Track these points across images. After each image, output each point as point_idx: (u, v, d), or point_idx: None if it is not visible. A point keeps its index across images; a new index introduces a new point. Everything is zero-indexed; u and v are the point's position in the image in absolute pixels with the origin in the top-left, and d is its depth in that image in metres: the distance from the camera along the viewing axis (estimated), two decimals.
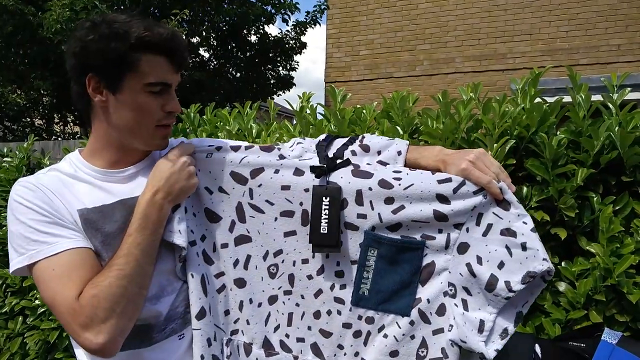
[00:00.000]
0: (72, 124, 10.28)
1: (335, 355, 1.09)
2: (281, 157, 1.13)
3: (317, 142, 1.17)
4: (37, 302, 2.54)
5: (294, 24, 9.94)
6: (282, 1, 9.44)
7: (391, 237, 1.04)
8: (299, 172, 1.10)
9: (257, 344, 1.13)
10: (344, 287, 1.08)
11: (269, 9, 9.46)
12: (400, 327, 1.04)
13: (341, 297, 1.08)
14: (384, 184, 1.03)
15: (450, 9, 8.19)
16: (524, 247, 0.94)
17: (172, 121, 1.11)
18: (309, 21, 9.84)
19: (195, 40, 9.09)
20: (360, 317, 1.07)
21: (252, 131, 2.16)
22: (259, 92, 10.07)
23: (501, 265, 0.95)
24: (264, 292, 1.14)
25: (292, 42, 10.09)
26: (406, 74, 8.45)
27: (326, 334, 1.10)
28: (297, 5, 9.52)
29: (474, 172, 0.98)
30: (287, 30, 10.65)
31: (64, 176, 1.10)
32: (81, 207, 1.06)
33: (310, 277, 1.10)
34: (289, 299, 1.12)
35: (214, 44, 9.64)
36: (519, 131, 1.66)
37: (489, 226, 0.98)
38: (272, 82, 10.45)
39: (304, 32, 10.02)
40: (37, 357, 2.53)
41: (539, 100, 1.74)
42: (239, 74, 10.08)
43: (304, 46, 10.21)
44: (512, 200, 0.97)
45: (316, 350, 1.11)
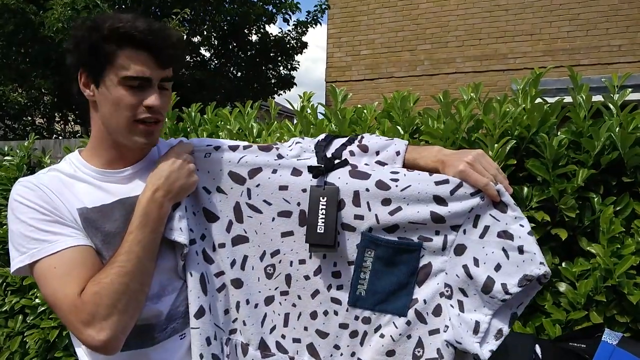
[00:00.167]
0: (72, 123, 10.30)
1: (331, 355, 1.09)
2: (279, 156, 1.13)
3: (316, 141, 1.17)
4: (37, 300, 2.53)
5: (295, 23, 9.96)
6: (283, 1, 9.45)
7: (388, 239, 1.03)
8: (296, 172, 1.10)
9: (253, 345, 1.13)
10: (340, 287, 1.08)
11: (270, 8, 9.47)
12: (396, 327, 1.04)
13: (338, 298, 1.08)
14: (381, 185, 1.03)
15: (451, 9, 8.18)
16: (520, 250, 0.94)
17: (154, 117, 1.07)
18: (309, 21, 9.85)
19: (196, 39, 9.10)
20: (357, 318, 1.07)
21: (253, 131, 2.16)
22: (259, 91, 10.08)
23: (498, 267, 0.95)
24: (260, 292, 1.13)
25: (293, 41, 10.10)
26: (407, 73, 8.45)
27: (323, 334, 1.09)
28: (298, 5, 9.53)
29: (472, 174, 0.98)
30: (288, 29, 10.62)
31: (64, 176, 1.11)
32: (81, 206, 1.06)
33: (307, 277, 1.10)
34: (285, 300, 1.12)
35: (215, 43, 9.65)
36: (520, 131, 1.66)
37: (486, 228, 0.97)
38: (273, 81, 10.47)
39: (305, 31, 10.03)
40: (37, 355, 2.53)
41: (539, 100, 1.74)
42: (239, 74, 10.10)
43: (304, 46, 10.21)
44: (509, 202, 0.97)
45: (312, 350, 1.10)
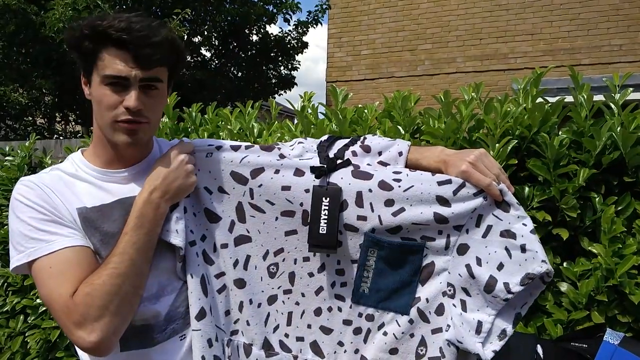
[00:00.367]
0: (73, 123, 10.30)
1: (335, 352, 1.09)
2: (281, 156, 1.13)
3: (319, 142, 1.17)
4: (38, 300, 2.53)
5: (296, 23, 9.95)
6: (283, 1, 9.45)
7: (391, 240, 1.04)
8: (299, 173, 1.10)
9: (257, 345, 1.13)
10: (344, 284, 1.08)
11: (271, 8, 9.47)
12: (399, 325, 1.04)
13: (342, 295, 1.08)
14: (384, 186, 1.03)
15: (451, 9, 8.18)
16: (523, 249, 0.94)
17: (135, 118, 1.03)
18: (310, 21, 9.85)
19: (196, 39, 9.11)
20: (360, 315, 1.07)
21: (254, 131, 2.15)
22: (260, 91, 10.08)
23: (500, 266, 0.95)
24: (263, 292, 1.13)
25: (293, 41, 10.10)
26: (407, 73, 8.45)
27: (327, 330, 1.10)
28: (299, 4, 9.53)
29: (474, 174, 0.98)
30: (288, 29, 10.64)
31: (66, 175, 1.11)
32: (80, 205, 1.06)
33: (311, 274, 1.10)
34: (288, 298, 1.12)
35: (216, 43, 9.65)
36: (521, 131, 1.66)
37: (489, 228, 0.98)
38: (274, 81, 10.47)
39: (306, 31, 10.02)
40: (38, 356, 2.53)
41: (540, 100, 1.74)
42: (240, 74, 10.09)
43: (305, 46, 10.21)
44: (512, 201, 0.97)
45: (316, 348, 1.10)
